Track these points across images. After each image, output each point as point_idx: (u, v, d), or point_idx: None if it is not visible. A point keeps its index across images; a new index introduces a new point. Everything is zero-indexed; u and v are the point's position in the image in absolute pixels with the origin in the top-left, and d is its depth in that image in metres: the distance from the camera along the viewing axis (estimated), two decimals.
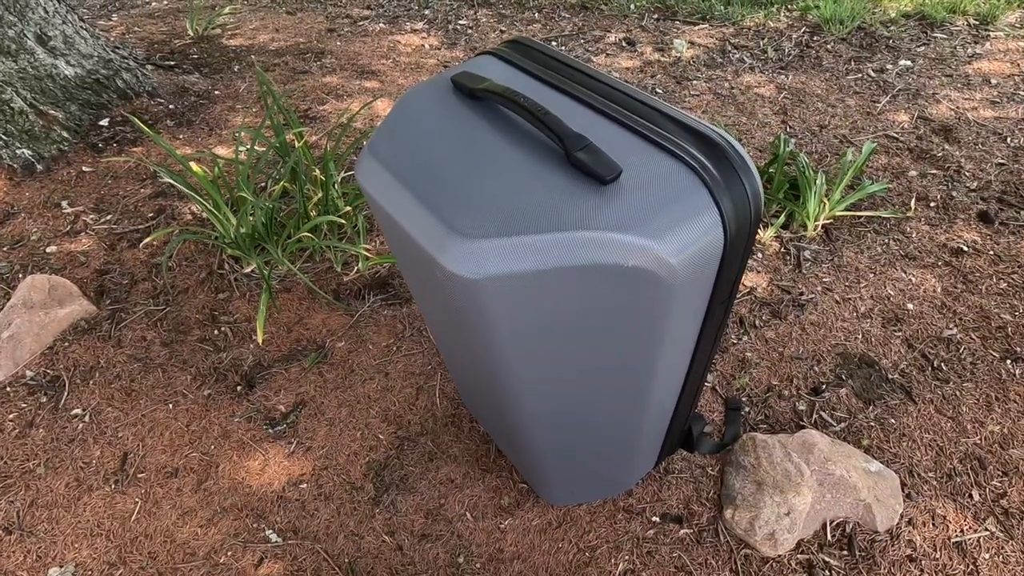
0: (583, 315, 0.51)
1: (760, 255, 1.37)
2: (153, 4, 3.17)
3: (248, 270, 1.33)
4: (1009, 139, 1.69)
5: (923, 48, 2.15)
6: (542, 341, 0.54)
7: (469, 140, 0.54)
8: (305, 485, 1.01)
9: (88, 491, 1.01)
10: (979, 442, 1.00)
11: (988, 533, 0.89)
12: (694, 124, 0.52)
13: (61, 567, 0.93)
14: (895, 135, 1.74)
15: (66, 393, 1.14)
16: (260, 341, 1.18)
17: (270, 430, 1.08)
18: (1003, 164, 1.60)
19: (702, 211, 0.47)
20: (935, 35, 2.21)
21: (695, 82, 2.08)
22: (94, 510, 0.99)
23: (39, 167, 1.59)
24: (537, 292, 0.48)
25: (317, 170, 1.33)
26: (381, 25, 2.67)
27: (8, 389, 1.15)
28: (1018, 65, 2.01)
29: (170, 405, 1.12)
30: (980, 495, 0.93)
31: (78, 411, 1.12)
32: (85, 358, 1.19)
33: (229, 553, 0.94)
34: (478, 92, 0.56)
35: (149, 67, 2.02)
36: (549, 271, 0.46)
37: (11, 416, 1.11)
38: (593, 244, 0.45)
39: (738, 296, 1.27)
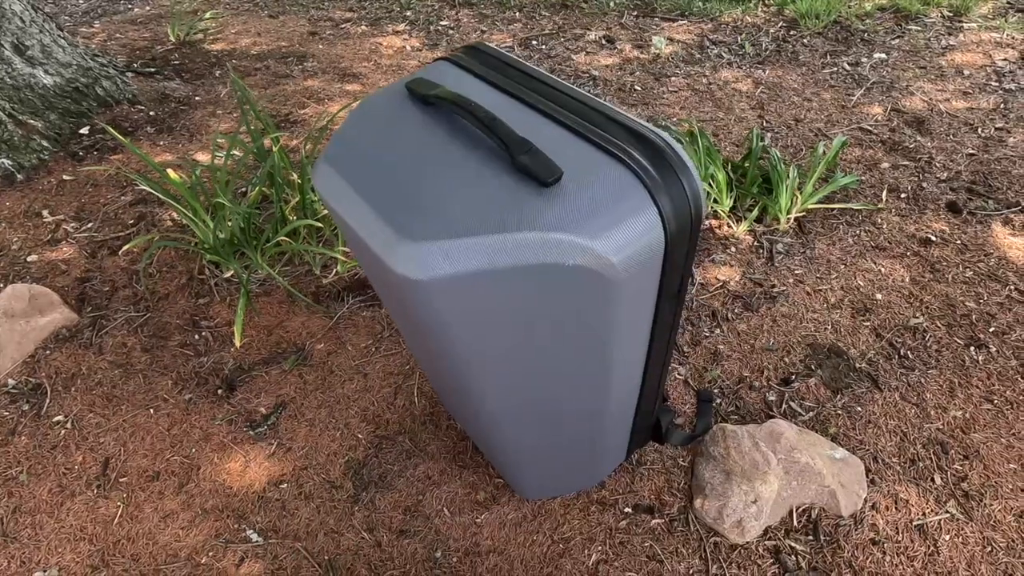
0: (532, 313, 0.53)
1: (733, 248, 1.39)
2: (135, 10, 3.17)
3: (228, 275, 1.35)
4: (980, 129, 1.71)
5: (897, 41, 2.17)
6: (495, 339, 0.56)
7: (421, 145, 0.56)
8: (286, 485, 1.03)
9: (71, 496, 1.03)
10: (942, 427, 1.02)
11: (949, 515, 0.92)
12: (635, 126, 0.54)
13: (45, 571, 0.94)
14: (868, 127, 1.77)
15: (48, 400, 1.15)
16: (238, 345, 1.19)
17: (251, 432, 1.10)
18: (973, 154, 1.63)
19: (640, 210, 0.49)
20: (909, 27, 2.24)
21: (674, 78, 2.10)
22: (77, 515, 1.01)
23: (19, 176, 1.59)
24: (485, 292, 0.50)
25: (295, 174, 1.34)
26: (363, 27, 2.68)
27: None
28: (990, 56, 2.04)
29: (151, 410, 1.14)
30: (942, 479, 0.96)
31: (60, 418, 1.13)
32: (67, 365, 1.20)
33: (211, 554, 0.95)
34: (430, 98, 0.58)
35: (129, 74, 2.03)
36: (495, 271, 0.48)
37: None
38: (535, 244, 0.47)
39: (711, 289, 1.30)
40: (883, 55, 2.10)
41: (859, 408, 1.06)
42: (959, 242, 1.36)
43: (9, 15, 1.65)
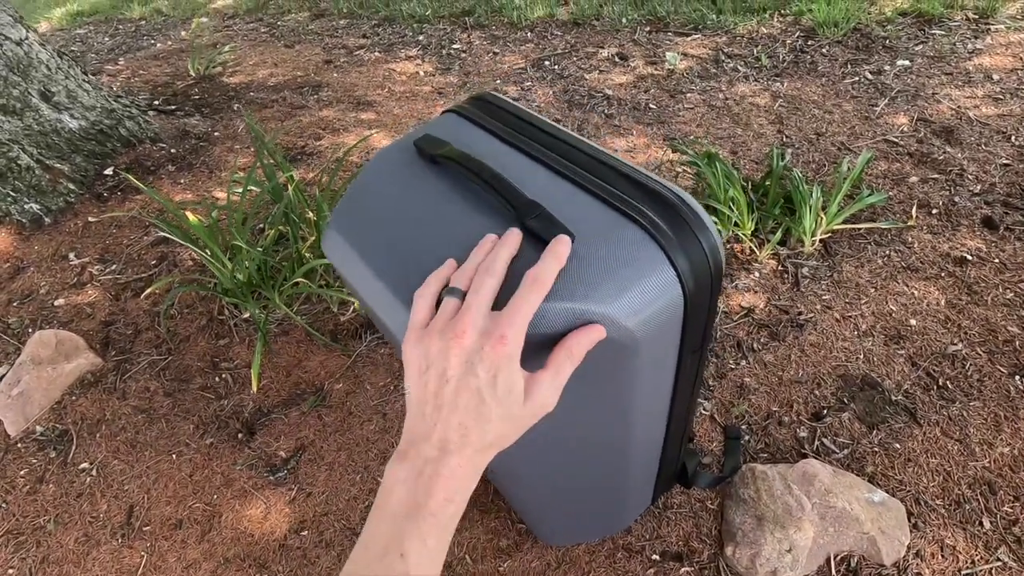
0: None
1: (757, 274, 1.35)
2: (158, 46, 3.26)
3: (247, 315, 1.36)
4: (1013, 137, 1.64)
5: (921, 46, 2.11)
6: None
7: (430, 209, 0.55)
8: (306, 532, 1.02)
9: (96, 546, 1.03)
10: (988, 465, 0.97)
11: (1000, 563, 0.86)
12: (647, 181, 0.52)
13: None
14: (894, 139, 1.71)
15: (74, 447, 1.17)
16: (255, 390, 1.19)
17: (271, 477, 1.10)
18: (1008, 164, 1.56)
19: (656, 271, 0.47)
20: (933, 32, 2.17)
21: (689, 95, 2.07)
22: (103, 565, 1.01)
23: (47, 220, 1.63)
24: None
25: (311, 212, 1.35)
26: (376, 54, 2.71)
27: (19, 445, 1.18)
28: (1020, 59, 1.96)
29: (174, 455, 1.14)
30: (991, 523, 0.90)
31: (85, 465, 1.14)
32: (92, 411, 1.22)
33: None
34: (438, 158, 0.57)
35: (151, 113, 2.08)
36: None
37: (22, 472, 1.14)
38: (548, 314, 0.45)
39: (735, 318, 1.26)
40: (906, 62, 2.04)
41: (897, 445, 1.01)
42: (997, 260, 1.30)
43: (36, 63, 1.71)
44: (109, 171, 1.80)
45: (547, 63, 2.42)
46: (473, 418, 0.35)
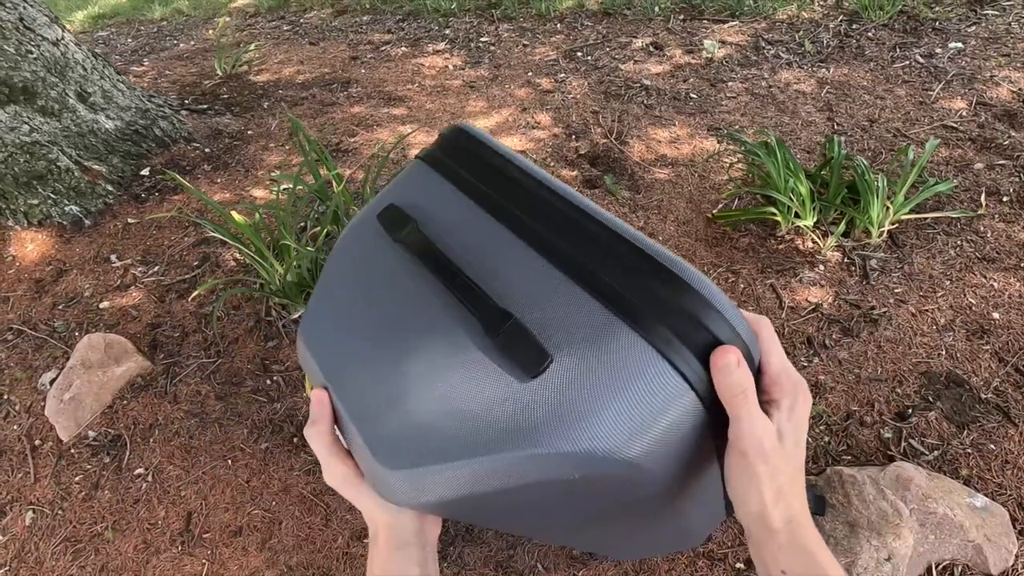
0: (554, 503, 0.41)
1: (821, 267, 1.29)
2: (181, 46, 3.25)
3: (296, 316, 1.33)
4: None
5: (974, 28, 2.03)
6: (525, 520, 0.45)
7: (396, 312, 0.45)
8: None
9: (156, 553, 1.01)
10: None
11: None
12: (643, 262, 0.39)
13: None
14: (953, 124, 1.64)
15: (128, 452, 1.15)
16: (308, 393, 1.17)
17: None
18: None
19: (662, 389, 0.36)
20: (986, 12, 2.09)
21: (730, 83, 2.01)
22: (163, 573, 0.99)
23: (87, 222, 1.62)
24: (484, 507, 0.40)
25: (356, 210, 1.32)
26: (403, 49, 2.67)
27: (73, 451, 1.16)
28: None
29: (229, 460, 1.12)
30: None
31: (141, 470, 1.12)
32: (144, 415, 1.20)
33: None
34: (398, 241, 0.47)
35: (184, 112, 2.06)
36: (487, 494, 0.38)
37: (77, 479, 1.12)
38: (525, 461, 0.36)
39: (803, 313, 1.20)
40: (959, 44, 1.96)
41: (992, 446, 0.95)
42: None
43: (72, 64, 1.69)
44: (146, 172, 1.78)
45: (579, 54, 2.36)
46: None
